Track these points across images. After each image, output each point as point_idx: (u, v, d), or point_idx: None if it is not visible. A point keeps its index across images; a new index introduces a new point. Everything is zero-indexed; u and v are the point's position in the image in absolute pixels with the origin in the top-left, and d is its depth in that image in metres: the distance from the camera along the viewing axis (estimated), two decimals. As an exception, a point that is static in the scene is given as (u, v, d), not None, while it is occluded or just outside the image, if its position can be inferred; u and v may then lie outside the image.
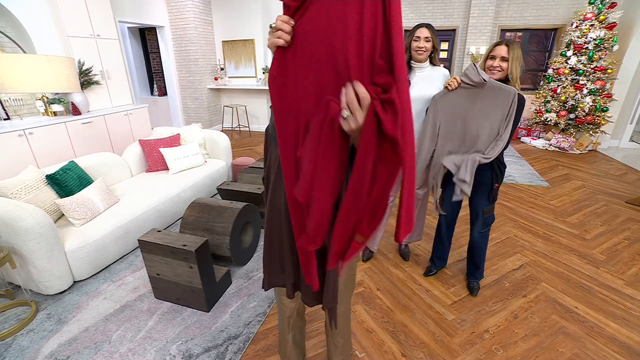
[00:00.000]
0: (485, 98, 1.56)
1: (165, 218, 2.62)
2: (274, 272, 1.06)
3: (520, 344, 1.61)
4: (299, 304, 1.22)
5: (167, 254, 1.73)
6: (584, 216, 2.92)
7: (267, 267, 1.06)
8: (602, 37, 4.47)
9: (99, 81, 3.84)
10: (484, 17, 5.40)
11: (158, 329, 1.69)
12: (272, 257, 1.04)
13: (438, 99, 1.70)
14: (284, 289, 1.10)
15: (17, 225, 1.72)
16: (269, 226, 1.01)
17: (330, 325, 1.07)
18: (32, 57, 1.92)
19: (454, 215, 1.99)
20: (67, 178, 2.21)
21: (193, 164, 3.08)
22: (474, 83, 1.55)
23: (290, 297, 1.06)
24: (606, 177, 3.89)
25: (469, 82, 1.57)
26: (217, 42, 6.15)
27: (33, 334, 1.66)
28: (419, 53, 1.75)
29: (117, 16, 4.37)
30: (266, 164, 1.01)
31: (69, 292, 1.96)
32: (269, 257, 1.05)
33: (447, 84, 1.66)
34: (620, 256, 2.32)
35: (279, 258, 1.02)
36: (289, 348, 1.34)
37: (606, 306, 1.85)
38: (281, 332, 1.33)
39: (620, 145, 5.13)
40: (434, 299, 1.93)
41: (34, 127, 2.96)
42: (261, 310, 1.81)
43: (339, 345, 1.31)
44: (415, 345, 1.62)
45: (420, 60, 1.78)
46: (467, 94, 1.61)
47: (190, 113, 6.17)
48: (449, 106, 1.67)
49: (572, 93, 4.74)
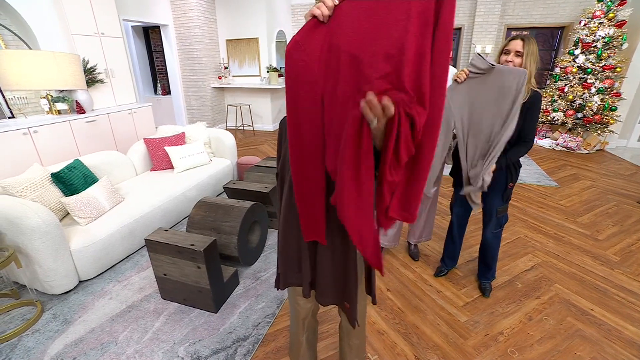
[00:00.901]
0: (494, 83, 1.52)
1: (171, 217, 2.59)
2: (291, 271, 1.02)
3: (536, 347, 1.57)
4: (314, 304, 1.18)
5: (174, 254, 1.70)
6: (595, 216, 2.87)
7: (283, 265, 1.03)
8: (611, 35, 4.41)
9: (104, 79, 3.82)
10: (490, 15, 5.34)
11: (165, 330, 1.66)
12: (289, 255, 1.01)
13: (448, 91, 1.66)
14: (299, 289, 1.06)
15: (23, 224, 1.69)
16: (284, 222, 0.97)
17: (352, 324, 1.03)
18: (38, 53, 1.89)
19: (465, 215, 1.95)
20: (73, 176, 2.18)
21: (198, 163, 3.05)
22: (482, 70, 1.51)
23: (306, 296, 1.03)
24: (616, 177, 3.84)
25: (476, 71, 1.53)
26: (221, 40, 6.13)
27: (39, 334, 1.64)
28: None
29: (121, 14, 4.34)
30: (280, 158, 0.97)
31: (75, 291, 1.93)
32: (285, 255, 1.01)
33: (456, 77, 1.62)
34: (634, 257, 2.27)
35: (296, 256, 0.99)
36: (302, 350, 1.29)
37: (623, 308, 1.80)
38: (294, 334, 1.28)
39: (629, 144, 5.06)
40: (445, 300, 1.89)
41: (39, 125, 2.93)
42: (270, 311, 1.77)
43: (354, 347, 1.25)
44: (428, 347, 1.58)
45: None
46: (476, 82, 1.57)
47: (194, 112, 6.15)
48: (459, 97, 1.62)
49: (580, 92, 4.68)
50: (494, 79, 1.52)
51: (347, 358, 1.29)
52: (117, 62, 4.03)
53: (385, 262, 2.23)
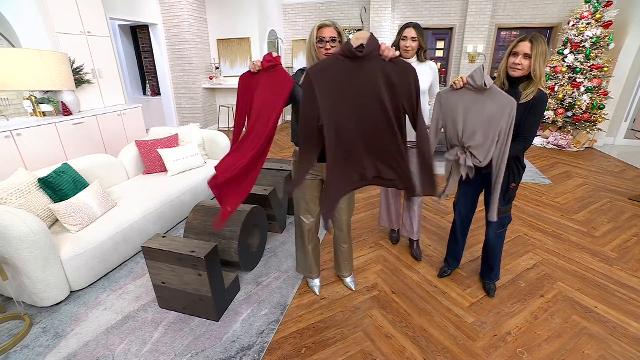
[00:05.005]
0: (484, 104, 1.47)
1: (166, 222, 2.50)
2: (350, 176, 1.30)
3: (544, 347, 1.57)
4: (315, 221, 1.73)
5: (173, 261, 1.62)
6: (589, 213, 2.92)
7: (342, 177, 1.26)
8: (598, 35, 4.52)
9: (91, 80, 3.68)
10: (481, 15, 5.41)
11: (165, 341, 1.58)
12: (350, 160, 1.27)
13: (442, 94, 1.62)
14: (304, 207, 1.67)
15: (8, 232, 1.59)
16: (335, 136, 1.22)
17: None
18: (23, 52, 1.78)
19: (469, 214, 1.93)
20: (61, 181, 2.08)
21: (192, 165, 2.96)
22: (476, 86, 1.47)
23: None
24: (606, 174, 3.92)
25: (472, 84, 1.49)
26: (211, 40, 6.02)
27: (27, 350, 1.54)
28: (406, 51, 1.89)
29: (108, 13, 4.20)
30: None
31: (66, 302, 1.83)
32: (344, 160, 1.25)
33: (453, 82, 1.58)
34: (631, 253, 2.31)
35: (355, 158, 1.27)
36: (309, 257, 1.83)
37: (625, 305, 1.82)
38: (300, 247, 1.83)
39: (615, 142, 5.20)
40: (451, 301, 1.87)
41: (22, 127, 2.80)
42: (274, 318, 1.72)
43: (345, 251, 1.89)
44: (438, 350, 1.55)
45: (407, 58, 1.91)
46: (470, 96, 1.52)
47: (184, 113, 6.02)
48: (450, 104, 1.59)
49: (569, 91, 4.78)
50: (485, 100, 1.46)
51: (340, 259, 1.93)
52: (105, 62, 3.89)
53: (388, 264, 2.20)
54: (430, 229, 2.65)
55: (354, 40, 1.17)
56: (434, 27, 5.98)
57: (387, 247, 2.39)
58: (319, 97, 1.17)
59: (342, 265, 1.95)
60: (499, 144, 1.49)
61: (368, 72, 1.16)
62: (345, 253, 1.90)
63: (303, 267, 1.92)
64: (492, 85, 1.45)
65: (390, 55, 1.14)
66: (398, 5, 5.99)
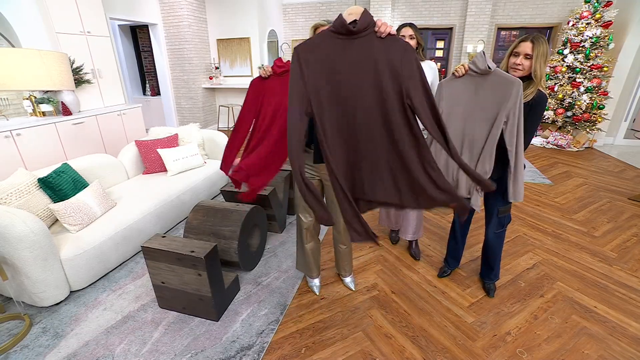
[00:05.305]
0: (487, 88, 1.47)
1: (166, 222, 2.50)
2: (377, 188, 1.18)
3: (544, 347, 1.57)
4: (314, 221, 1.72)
5: (173, 261, 1.62)
6: (589, 213, 2.92)
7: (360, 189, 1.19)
8: (598, 35, 4.52)
9: (91, 80, 3.68)
10: (481, 15, 5.41)
11: (165, 341, 1.58)
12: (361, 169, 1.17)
13: (444, 83, 1.61)
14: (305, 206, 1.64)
15: (8, 233, 1.59)
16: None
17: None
18: (23, 51, 1.78)
19: (469, 214, 1.93)
20: (61, 181, 2.08)
21: (193, 165, 2.96)
22: (480, 70, 1.46)
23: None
24: (605, 174, 3.92)
25: (475, 70, 1.48)
26: (211, 40, 6.02)
27: (27, 350, 1.54)
28: None
29: (108, 13, 4.20)
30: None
31: (66, 303, 1.83)
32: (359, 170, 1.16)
33: (455, 70, 1.58)
34: (631, 253, 2.31)
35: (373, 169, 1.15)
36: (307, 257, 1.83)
37: (625, 305, 1.82)
38: (300, 246, 1.84)
39: (615, 142, 5.19)
40: (450, 301, 1.87)
41: (22, 127, 2.80)
42: (274, 318, 1.72)
43: (344, 252, 1.90)
44: (438, 350, 1.55)
45: None
46: (473, 82, 1.51)
47: (184, 113, 6.02)
48: (452, 92, 1.56)
49: (569, 91, 4.78)
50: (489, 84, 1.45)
51: (340, 259, 1.95)
52: (105, 62, 3.89)
53: (388, 264, 2.20)
54: (430, 229, 2.65)
55: (347, 15, 1.07)
56: (434, 27, 5.98)
57: (387, 247, 2.39)
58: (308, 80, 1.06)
59: (341, 265, 1.96)
60: (509, 125, 1.46)
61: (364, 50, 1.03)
62: (344, 254, 1.91)
63: (302, 266, 1.94)
64: (495, 68, 1.44)
65: (388, 30, 1.02)
66: (398, 6, 5.99)
